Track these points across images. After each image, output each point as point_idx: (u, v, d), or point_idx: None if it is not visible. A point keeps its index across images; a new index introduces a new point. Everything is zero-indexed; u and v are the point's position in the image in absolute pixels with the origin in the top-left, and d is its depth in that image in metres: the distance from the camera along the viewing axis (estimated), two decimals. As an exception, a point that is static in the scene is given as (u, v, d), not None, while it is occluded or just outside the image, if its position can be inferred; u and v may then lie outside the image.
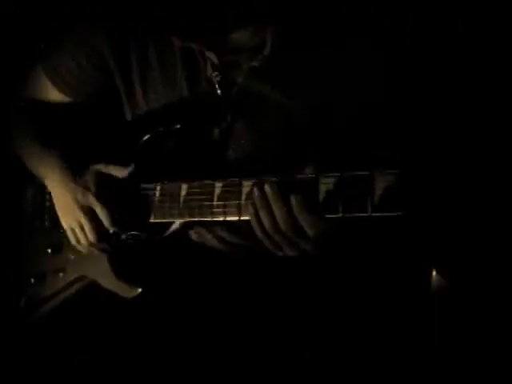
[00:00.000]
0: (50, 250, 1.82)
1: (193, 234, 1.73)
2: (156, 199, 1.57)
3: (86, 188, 1.63)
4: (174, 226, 1.61)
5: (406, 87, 1.59)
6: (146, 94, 1.68)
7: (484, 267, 1.88)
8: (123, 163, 1.64)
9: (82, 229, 1.66)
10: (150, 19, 1.59)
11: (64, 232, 1.74)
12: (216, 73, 1.59)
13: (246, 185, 1.40)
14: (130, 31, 1.65)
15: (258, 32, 1.53)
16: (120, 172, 1.62)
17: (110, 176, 1.63)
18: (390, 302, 1.77)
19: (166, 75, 1.65)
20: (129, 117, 1.73)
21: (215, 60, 1.58)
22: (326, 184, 1.26)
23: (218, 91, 1.60)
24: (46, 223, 1.84)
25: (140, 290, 1.64)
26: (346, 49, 1.54)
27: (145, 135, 1.63)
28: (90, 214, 1.63)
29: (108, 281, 1.69)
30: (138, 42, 1.66)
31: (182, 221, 1.58)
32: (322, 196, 1.27)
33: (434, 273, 1.89)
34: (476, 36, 1.75)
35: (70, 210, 1.66)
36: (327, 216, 1.27)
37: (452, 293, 1.89)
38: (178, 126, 1.62)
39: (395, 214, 1.16)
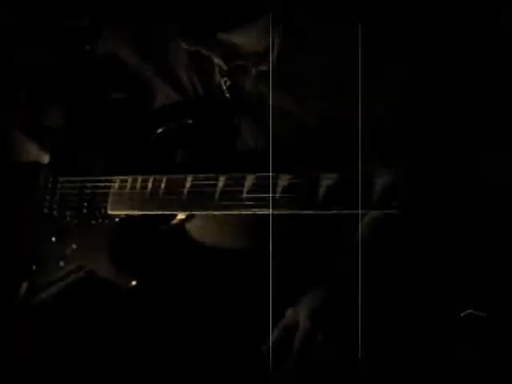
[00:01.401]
0: (54, 238, 1.83)
1: None
2: (161, 191, 1.57)
3: None
4: (179, 217, 1.63)
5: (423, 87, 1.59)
6: (155, 95, 1.70)
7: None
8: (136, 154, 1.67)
9: None
10: (158, 22, 1.64)
11: (70, 222, 1.77)
12: (225, 78, 1.61)
13: (250, 178, 1.40)
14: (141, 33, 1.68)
15: (265, 36, 1.55)
16: None
17: None
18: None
19: (174, 78, 1.68)
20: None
21: (223, 65, 1.60)
22: (327, 180, 1.26)
23: (227, 96, 1.62)
24: (54, 212, 1.85)
25: (135, 282, 1.65)
26: (356, 52, 1.55)
27: (156, 130, 1.66)
28: None
29: (105, 270, 1.70)
30: (147, 44, 1.69)
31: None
32: (321, 193, 1.26)
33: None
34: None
35: None
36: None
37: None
38: (190, 121, 1.63)
39: (389, 211, 1.16)
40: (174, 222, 1.67)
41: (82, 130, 1.79)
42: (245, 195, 1.39)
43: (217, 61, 1.61)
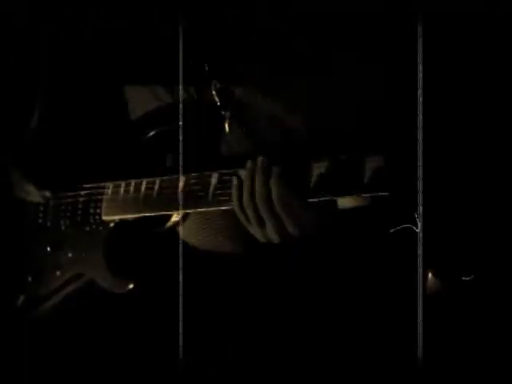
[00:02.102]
0: (49, 248, 1.84)
1: None
2: (154, 193, 1.59)
3: None
4: (174, 219, 1.65)
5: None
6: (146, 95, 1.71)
7: (483, 270, 1.89)
8: (127, 158, 1.69)
9: None
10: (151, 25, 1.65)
11: (65, 230, 1.79)
12: (215, 81, 1.62)
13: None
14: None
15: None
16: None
17: None
18: (383, 304, 1.77)
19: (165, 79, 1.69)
20: (132, 116, 1.77)
21: (213, 69, 1.61)
22: (319, 168, 1.29)
23: (217, 100, 1.63)
24: (48, 222, 1.86)
25: (132, 285, 1.66)
26: (344, 61, 1.57)
27: (147, 133, 1.67)
28: None
29: (102, 277, 1.71)
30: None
31: (181, 214, 1.62)
32: (313, 179, 1.29)
33: (430, 275, 1.91)
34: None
35: None
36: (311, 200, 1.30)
37: (448, 295, 1.90)
38: (181, 123, 1.65)
39: (382, 194, 1.19)
40: (169, 224, 1.68)
41: (72, 136, 1.82)
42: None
43: (207, 64, 1.62)
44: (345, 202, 1.59)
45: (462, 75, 1.61)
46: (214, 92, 1.63)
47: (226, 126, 1.63)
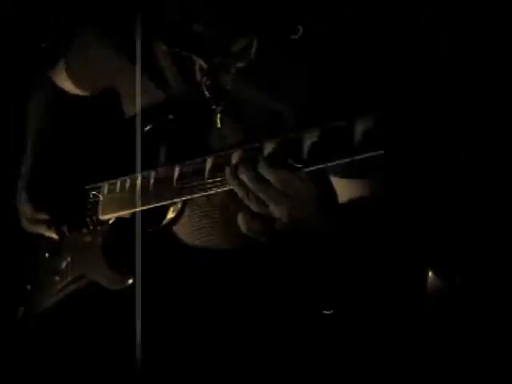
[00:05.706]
0: (47, 254, 1.85)
1: None
2: (150, 185, 1.60)
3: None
4: (170, 216, 1.66)
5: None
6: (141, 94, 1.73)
7: (482, 268, 1.89)
8: (124, 153, 1.70)
9: None
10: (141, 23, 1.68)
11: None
12: (205, 77, 1.65)
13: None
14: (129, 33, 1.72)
15: (244, 34, 1.59)
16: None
17: None
18: (385, 302, 1.77)
19: (158, 77, 1.70)
20: (127, 115, 1.80)
21: (203, 64, 1.64)
22: (310, 138, 1.29)
23: (207, 94, 1.65)
24: None
25: (132, 279, 1.66)
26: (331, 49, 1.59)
27: (143, 129, 1.69)
28: None
29: (102, 274, 1.71)
30: (133, 44, 1.72)
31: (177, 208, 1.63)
32: (305, 151, 1.29)
33: (431, 274, 1.90)
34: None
35: None
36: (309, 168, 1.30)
37: (448, 294, 1.89)
38: (171, 117, 1.67)
39: (376, 153, 1.18)
40: (164, 222, 1.69)
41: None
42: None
43: (196, 59, 1.64)
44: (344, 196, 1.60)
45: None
46: (204, 88, 1.65)
47: (218, 119, 1.65)
